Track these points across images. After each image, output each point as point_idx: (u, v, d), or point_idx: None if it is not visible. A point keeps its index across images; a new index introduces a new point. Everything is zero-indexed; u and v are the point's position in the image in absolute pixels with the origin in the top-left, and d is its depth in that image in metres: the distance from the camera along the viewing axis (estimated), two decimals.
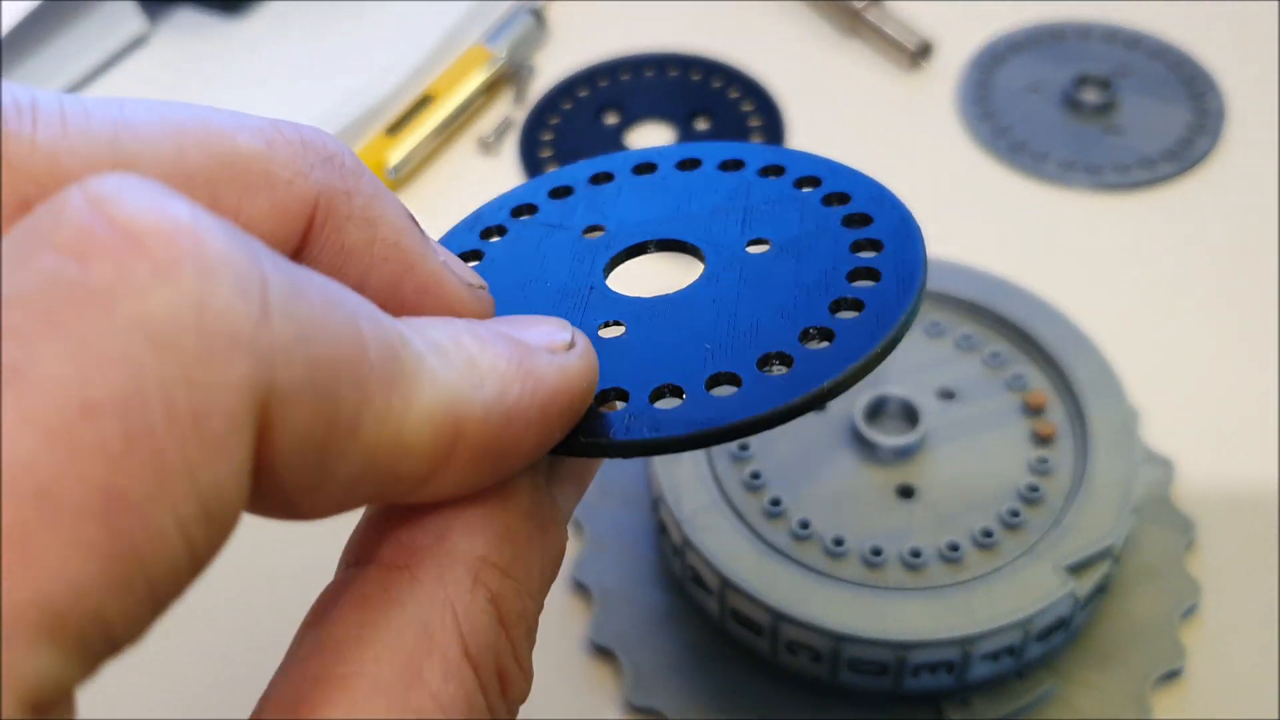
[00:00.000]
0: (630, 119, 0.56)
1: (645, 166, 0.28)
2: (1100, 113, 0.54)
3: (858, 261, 0.23)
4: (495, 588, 0.20)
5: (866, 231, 0.24)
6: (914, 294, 0.22)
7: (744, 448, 0.37)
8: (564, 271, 0.26)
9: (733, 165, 0.27)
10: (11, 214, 0.17)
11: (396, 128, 0.53)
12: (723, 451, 0.37)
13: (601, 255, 0.26)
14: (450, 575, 0.20)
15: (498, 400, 0.19)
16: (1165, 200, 0.51)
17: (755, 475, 0.37)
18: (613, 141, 0.55)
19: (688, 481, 0.36)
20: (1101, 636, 0.37)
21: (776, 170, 0.27)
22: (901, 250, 0.24)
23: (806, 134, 0.55)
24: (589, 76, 0.58)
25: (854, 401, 0.38)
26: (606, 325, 0.24)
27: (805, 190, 0.26)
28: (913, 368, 0.39)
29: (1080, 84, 0.55)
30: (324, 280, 0.17)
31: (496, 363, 0.20)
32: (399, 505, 0.21)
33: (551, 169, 0.53)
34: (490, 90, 0.56)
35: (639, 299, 0.24)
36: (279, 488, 0.17)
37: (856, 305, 0.22)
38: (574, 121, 0.56)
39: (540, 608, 0.22)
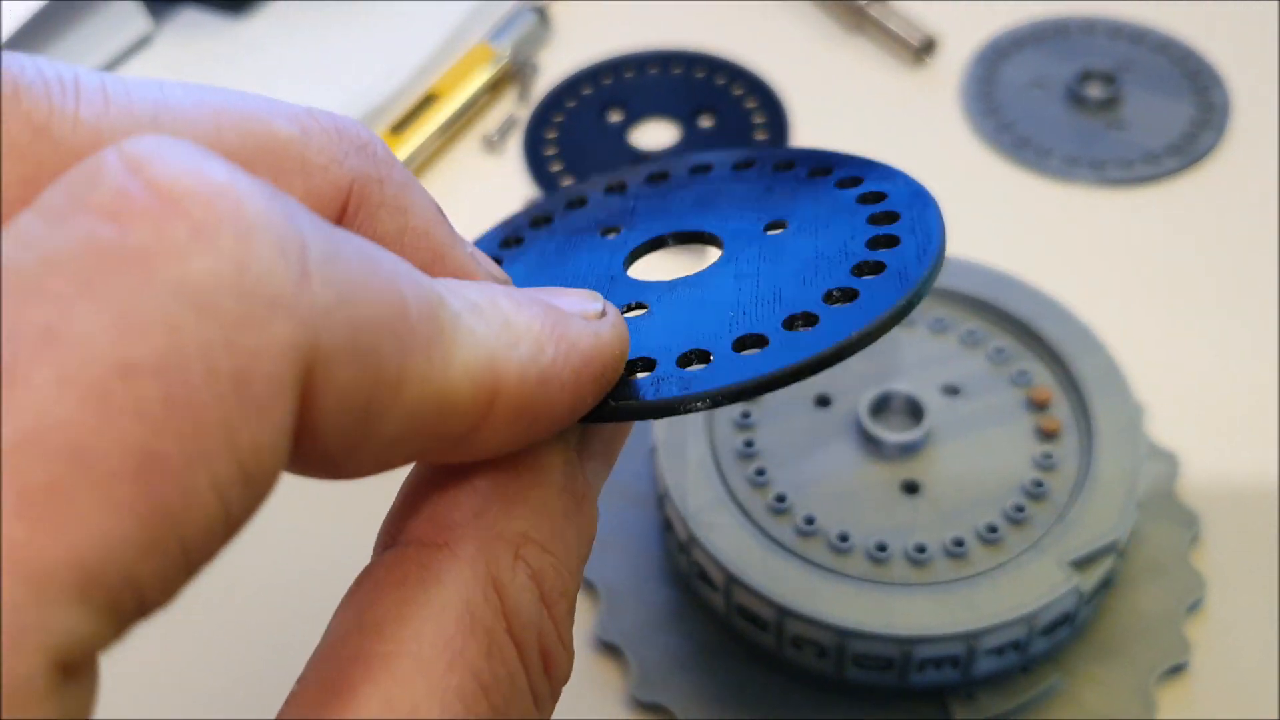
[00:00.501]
0: (634, 116, 0.56)
1: (658, 175, 0.28)
2: (1104, 108, 0.54)
3: (876, 230, 0.23)
4: (536, 564, 0.20)
5: (882, 205, 0.24)
6: (935, 251, 0.22)
7: (749, 444, 0.37)
8: (584, 266, 0.26)
9: (744, 164, 0.27)
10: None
11: (401, 126, 0.53)
12: (728, 448, 0.37)
13: (620, 251, 0.26)
14: (491, 552, 0.20)
15: (533, 361, 0.19)
16: (1169, 195, 0.51)
17: (760, 472, 0.37)
18: (617, 139, 0.55)
19: (693, 478, 0.36)
20: (1106, 631, 0.37)
21: (788, 164, 0.27)
22: (918, 217, 0.23)
23: (810, 131, 0.55)
24: (593, 74, 0.58)
25: (859, 398, 0.38)
26: (630, 309, 0.24)
27: (818, 178, 0.26)
28: (917, 364, 0.39)
29: (1084, 79, 0.55)
30: (362, 241, 0.17)
31: (532, 324, 0.20)
32: (436, 470, 0.21)
33: (556, 167, 0.54)
34: (494, 89, 0.57)
35: (660, 282, 0.24)
36: (323, 448, 0.17)
37: (878, 267, 0.22)
38: (578, 119, 0.56)
39: (578, 586, 0.22)
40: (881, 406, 0.38)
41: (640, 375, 0.22)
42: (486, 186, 0.54)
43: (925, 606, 0.33)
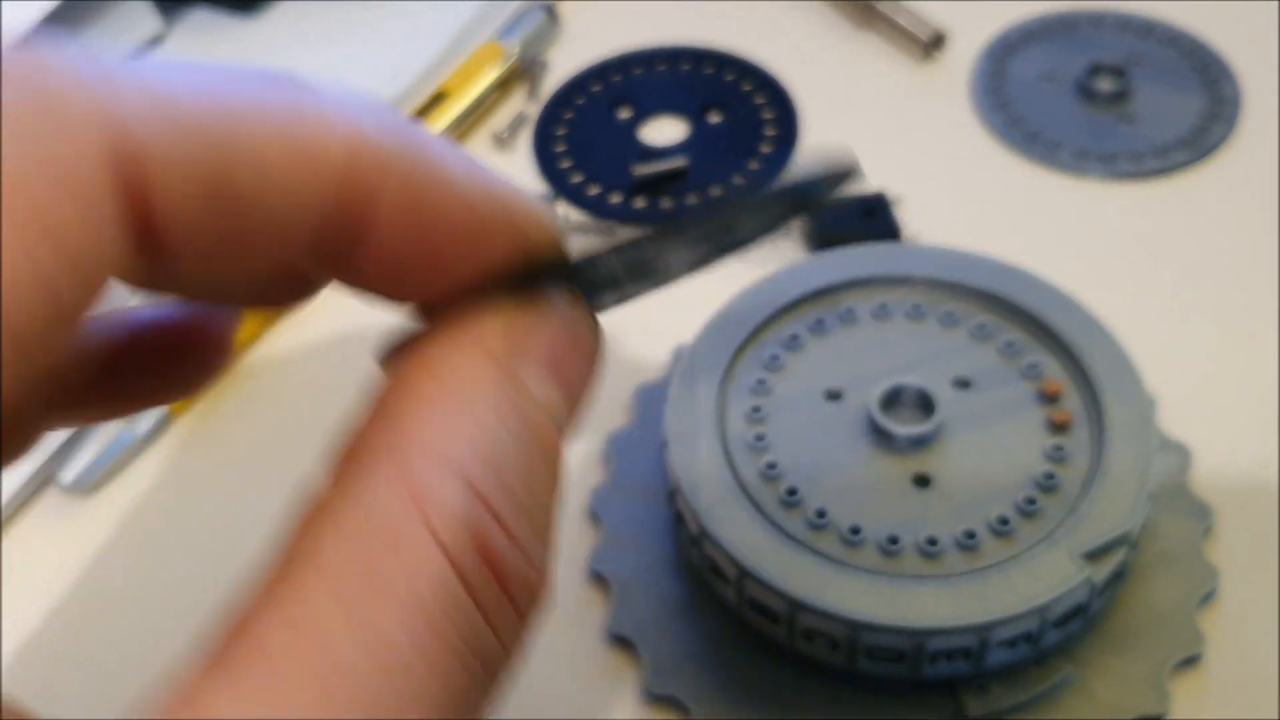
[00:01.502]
0: (643, 113, 0.56)
1: None
2: (1114, 101, 0.54)
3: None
4: (468, 469, 0.19)
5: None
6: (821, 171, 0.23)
7: (760, 438, 0.37)
8: None
9: None
10: None
11: None
12: (739, 442, 0.37)
13: None
14: (413, 465, 0.19)
15: (421, 146, 0.20)
16: (1180, 189, 0.51)
17: (771, 465, 0.37)
18: (626, 136, 0.55)
19: (705, 473, 0.36)
20: (1119, 623, 0.37)
21: None
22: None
23: (820, 127, 0.55)
24: (601, 71, 0.58)
25: (870, 391, 0.38)
26: None
27: None
28: (928, 357, 0.39)
29: (1094, 73, 0.55)
30: (194, 68, 0.19)
31: (427, 134, 0.21)
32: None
33: (565, 164, 0.54)
34: (503, 87, 0.57)
35: None
36: (210, 231, 0.18)
37: None
38: (587, 116, 0.56)
39: (543, 506, 0.20)
40: (892, 400, 0.38)
41: None
42: None
43: (937, 599, 0.33)
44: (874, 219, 0.50)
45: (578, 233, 0.51)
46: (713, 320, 0.40)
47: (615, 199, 0.53)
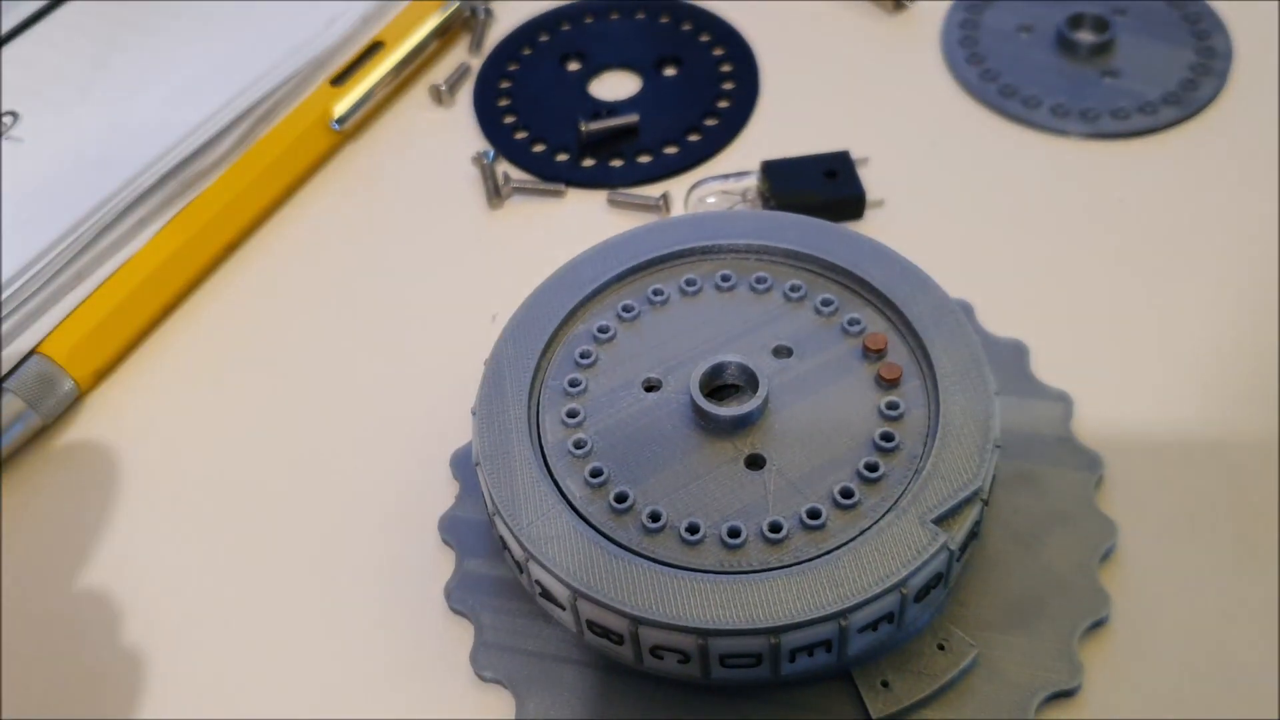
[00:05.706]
0: (594, 67, 0.53)
1: None
2: (1096, 54, 0.50)
3: None
4: None
5: None
6: None
7: (580, 445, 0.34)
8: None
9: None
10: None
11: (342, 78, 0.51)
12: (557, 450, 0.34)
13: None
14: None
15: None
16: (1167, 147, 0.47)
17: (596, 473, 0.34)
18: (575, 90, 0.52)
19: (523, 490, 0.33)
20: (1021, 593, 0.34)
21: None
22: None
23: (783, 82, 0.51)
24: (550, 21, 0.55)
25: (689, 374, 0.35)
26: None
27: None
28: (744, 328, 0.36)
29: (1075, 24, 0.50)
30: None
31: None
32: None
33: (509, 119, 0.51)
34: (445, 36, 0.54)
35: None
36: None
37: None
38: (534, 69, 0.53)
39: None
40: (713, 381, 0.35)
41: None
42: (435, 141, 0.51)
43: (787, 591, 0.30)
44: (837, 180, 0.47)
45: (520, 193, 0.49)
46: (511, 324, 0.37)
47: (562, 158, 0.50)
